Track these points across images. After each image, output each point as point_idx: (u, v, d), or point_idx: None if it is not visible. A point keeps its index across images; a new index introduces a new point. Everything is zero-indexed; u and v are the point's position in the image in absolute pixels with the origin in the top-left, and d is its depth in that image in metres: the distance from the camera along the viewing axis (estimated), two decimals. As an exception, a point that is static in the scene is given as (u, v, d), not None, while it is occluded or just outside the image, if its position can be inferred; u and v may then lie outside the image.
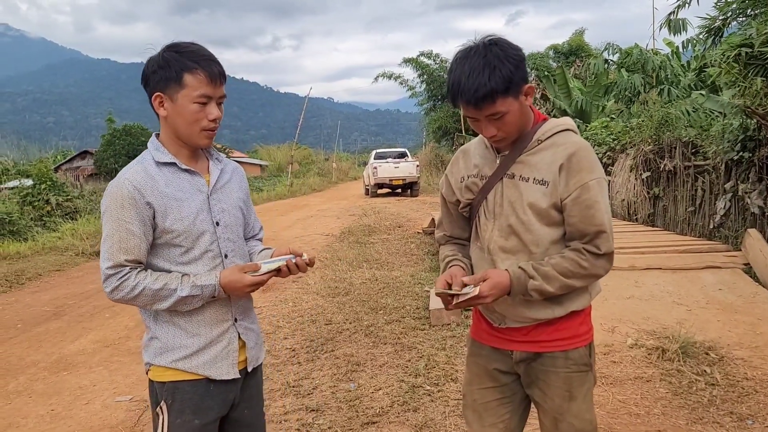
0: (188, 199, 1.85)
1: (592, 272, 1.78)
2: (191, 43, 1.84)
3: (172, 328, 1.87)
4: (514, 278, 1.76)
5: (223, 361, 1.90)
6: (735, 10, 7.83)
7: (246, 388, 2.02)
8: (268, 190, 27.86)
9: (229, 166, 2.05)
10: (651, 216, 9.73)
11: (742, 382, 3.82)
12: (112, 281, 1.76)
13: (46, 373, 4.77)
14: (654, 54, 14.74)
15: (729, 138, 7.38)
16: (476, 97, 1.70)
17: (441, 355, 4.52)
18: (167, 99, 1.80)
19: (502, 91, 1.69)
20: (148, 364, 1.90)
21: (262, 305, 6.49)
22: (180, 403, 1.85)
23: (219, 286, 1.83)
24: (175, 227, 1.81)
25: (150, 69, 1.81)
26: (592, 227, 1.75)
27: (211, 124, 1.83)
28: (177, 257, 1.85)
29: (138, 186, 1.77)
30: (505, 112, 1.73)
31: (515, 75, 1.70)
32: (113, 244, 1.76)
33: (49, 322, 6.37)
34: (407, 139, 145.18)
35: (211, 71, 1.79)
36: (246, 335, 1.99)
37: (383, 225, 13.07)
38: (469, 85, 1.70)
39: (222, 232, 1.92)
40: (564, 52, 29.01)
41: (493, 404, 1.99)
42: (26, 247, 11.06)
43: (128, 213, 1.76)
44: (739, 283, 5.88)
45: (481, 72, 1.68)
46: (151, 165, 1.84)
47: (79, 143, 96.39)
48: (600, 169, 1.79)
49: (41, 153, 28.92)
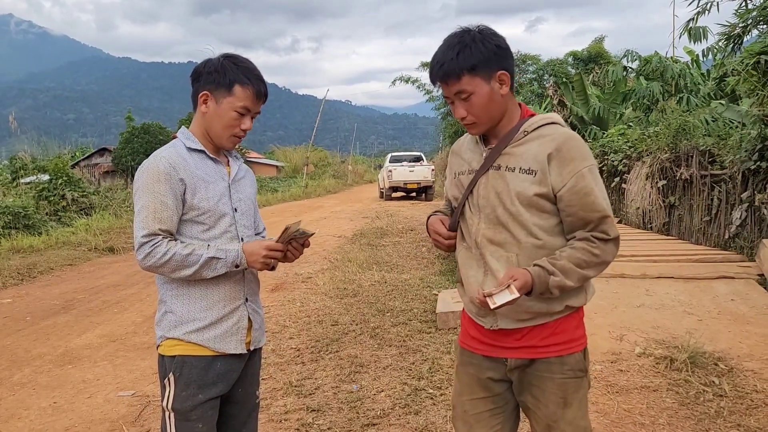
0: (214, 182, 2.03)
1: (604, 259, 1.76)
2: (247, 60, 2.05)
3: (187, 301, 1.99)
4: (536, 276, 1.71)
5: (233, 337, 2.04)
6: (755, 18, 7.72)
7: (244, 368, 2.14)
8: (283, 190, 27.97)
9: (244, 166, 2.24)
10: (666, 225, 9.61)
11: (751, 394, 3.74)
12: (145, 248, 1.88)
13: (51, 366, 4.80)
14: (673, 62, 14.58)
15: (747, 147, 7.27)
16: (442, 72, 1.76)
17: (445, 358, 4.48)
18: (212, 99, 1.99)
19: (467, 69, 1.73)
20: (162, 337, 2.02)
21: (270, 305, 6.49)
22: (187, 377, 1.97)
23: (242, 253, 1.96)
24: (202, 205, 1.98)
25: (206, 69, 2.00)
26: (595, 213, 1.74)
27: (241, 133, 2.04)
28: (199, 234, 1.99)
29: (173, 163, 1.94)
30: (470, 92, 1.75)
31: (486, 56, 1.73)
32: (148, 215, 1.90)
33: (58, 315, 6.41)
34: (424, 144, 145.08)
35: (258, 90, 2.01)
36: (253, 316, 2.13)
37: (396, 228, 13.04)
38: (439, 59, 1.77)
39: (239, 218, 2.10)
40: (583, 59, 28.80)
41: (484, 415, 1.93)
42: (40, 241, 11.16)
43: (163, 187, 1.91)
44: (752, 294, 5.77)
45: (452, 49, 1.74)
46: (183, 149, 2.02)
47: (99, 140, 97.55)
48: (591, 157, 1.78)
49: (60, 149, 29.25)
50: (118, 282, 8.16)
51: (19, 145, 24.25)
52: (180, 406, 1.96)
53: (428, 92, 29.34)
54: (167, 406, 1.98)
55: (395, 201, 22.18)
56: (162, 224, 1.90)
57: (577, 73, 19.67)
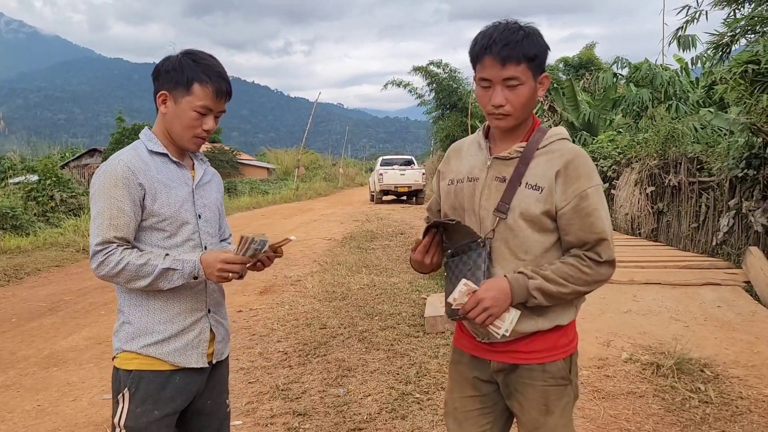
0: (176, 188, 1.94)
1: (596, 279, 1.72)
2: (209, 56, 1.95)
3: (146, 312, 1.90)
4: (512, 280, 1.70)
5: (194, 350, 1.95)
6: (743, 27, 7.79)
7: (210, 379, 2.05)
8: (273, 193, 27.89)
9: (210, 169, 2.15)
10: (654, 231, 9.67)
11: (736, 401, 3.76)
12: (98, 257, 1.80)
13: (36, 368, 4.75)
14: (663, 69, 14.69)
15: (734, 155, 7.33)
16: (506, 51, 1.68)
17: (433, 363, 4.47)
18: (171, 99, 1.91)
19: (529, 58, 1.71)
20: (118, 349, 1.92)
21: (259, 307, 6.47)
22: (143, 392, 1.87)
23: (199, 264, 1.86)
24: (162, 211, 1.88)
25: (164, 67, 1.91)
26: (593, 235, 1.71)
27: (203, 134, 1.94)
28: (160, 241, 1.90)
29: (131, 167, 1.85)
30: (522, 82, 1.72)
31: (542, 54, 1.73)
32: (104, 221, 1.81)
33: (44, 317, 6.36)
34: (415, 147, 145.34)
35: (219, 88, 1.91)
36: (216, 328, 2.04)
37: (386, 231, 13.04)
38: (502, 38, 1.69)
39: (203, 225, 2.01)
40: (574, 65, 28.94)
41: (473, 413, 1.95)
42: (27, 242, 11.06)
43: (120, 192, 1.82)
44: (738, 301, 5.81)
45: (517, 33, 1.70)
46: (144, 152, 1.92)
47: (89, 141, 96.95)
48: (597, 177, 1.75)
49: (50, 149, 29.06)
50: (105, 284, 8.09)
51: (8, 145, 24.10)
52: (133, 424, 1.86)
53: (420, 96, 29.39)
54: (119, 424, 1.87)
55: (386, 204, 22.18)
56: (118, 231, 1.81)
57: (568, 79, 19.78)
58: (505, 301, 1.70)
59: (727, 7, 8.32)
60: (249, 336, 5.43)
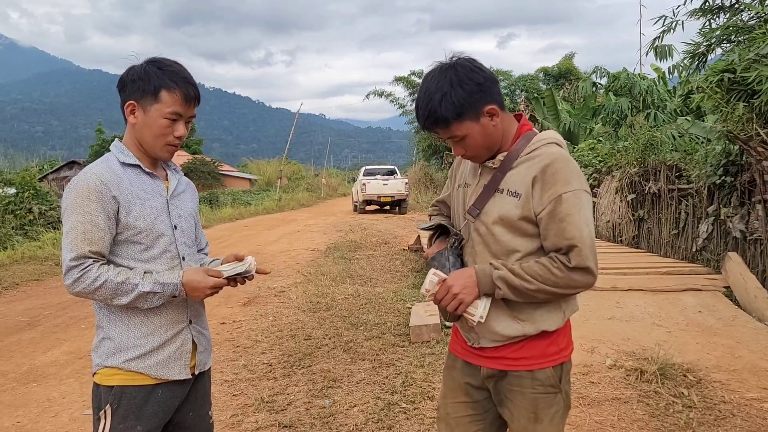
0: (150, 199, 1.91)
1: (568, 283, 1.70)
2: (174, 62, 1.92)
3: (126, 327, 1.87)
4: (479, 269, 1.76)
5: (176, 362, 1.93)
6: (719, 37, 7.94)
7: (192, 391, 2.03)
8: (256, 204, 27.73)
9: (184, 179, 2.13)
10: (635, 238, 9.77)
11: (719, 405, 3.79)
12: (73, 273, 1.75)
13: (15, 384, 4.66)
14: (641, 78, 14.90)
15: (712, 162, 7.44)
16: (428, 123, 1.77)
17: (419, 372, 4.47)
18: (139, 109, 1.88)
19: (453, 117, 1.72)
20: (99, 365, 1.88)
21: (242, 319, 6.42)
22: (125, 408, 1.85)
23: (181, 285, 1.85)
24: (137, 224, 1.85)
25: (130, 77, 1.88)
26: (564, 241, 1.69)
27: (175, 140, 1.92)
28: (137, 254, 1.87)
29: (104, 180, 1.82)
30: (462, 136, 1.76)
31: (469, 100, 1.71)
32: (77, 236, 1.77)
33: (23, 332, 6.24)
34: (398, 157, 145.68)
35: (187, 93, 1.88)
36: (198, 338, 2.02)
37: (369, 241, 13.03)
38: (422, 110, 1.76)
39: (179, 236, 1.98)
40: (554, 75, 29.32)
41: (464, 419, 1.95)
42: (5, 255, 10.89)
43: (94, 205, 1.78)
44: (719, 306, 5.88)
45: (432, 98, 1.72)
46: (116, 164, 1.89)
47: (68, 153, 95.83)
48: (578, 181, 1.72)
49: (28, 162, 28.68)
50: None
51: (-16, 158, 23.75)
52: None
53: (402, 106, 29.54)
54: None
55: (369, 214, 22.16)
56: (92, 246, 1.77)
57: (548, 89, 20.00)
58: (473, 288, 1.75)
59: (703, 18, 8.49)
60: (233, 348, 5.38)
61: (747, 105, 6.29)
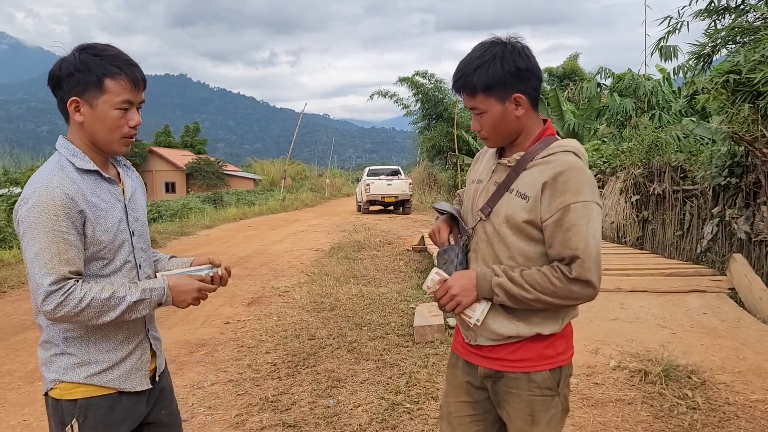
0: (110, 209, 1.77)
1: (567, 294, 1.69)
2: (108, 46, 1.75)
3: (86, 343, 1.76)
4: (480, 273, 1.77)
5: (137, 373, 1.85)
6: (724, 38, 7.92)
7: (159, 391, 1.97)
8: (260, 204, 27.79)
9: (134, 174, 1.99)
10: (640, 239, 9.75)
11: (723, 407, 3.79)
12: (55, 297, 1.61)
13: (21, 383, 4.69)
14: (646, 79, 14.86)
15: (717, 163, 7.43)
16: (458, 84, 1.78)
17: (423, 372, 4.48)
18: (85, 104, 1.71)
19: (481, 89, 1.72)
20: (55, 381, 1.76)
21: (247, 318, 6.43)
22: (93, 419, 1.76)
23: (168, 290, 1.78)
24: (102, 238, 1.72)
25: (64, 71, 1.70)
26: (568, 251, 1.67)
27: (131, 131, 1.77)
28: (98, 270, 1.75)
29: (69, 194, 1.66)
30: (483, 111, 1.76)
31: (503, 79, 1.71)
32: (52, 257, 1.61)
33: (28, 331, 6.27)
34: (402, 158, 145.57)
35: (134, 77, 1.73)
36: (155, 344, 1.96)
37: (373, 241, 13.04)
38: (458, 70, 1.78)
39: (137, 242, 1.87)
40: (558, 76, 29.25)
41: (466, 419, 1.96)
42: (11, 255, 10.92)
43: (63, 222, 1.63)
44: (723, 308, 5.87)
45: (472, 63, 1.74)
46: (73, 172, 1.72)
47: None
48: (590, 193, 1.69)
49: (33, 161, 28.76)
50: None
51: (-10, 158, 23.83)
52: None
53: (406, 107, 29.50)
54: None
55: (373, 214, 22.17)
56: (70, 266, 1.63)
57: (552, 89, 19.95)
58: (472, 291, 1.78)
59: (708, 18, 8.46)
60: (237, 348, 5.40)
61: (752, 106, 6.28)
